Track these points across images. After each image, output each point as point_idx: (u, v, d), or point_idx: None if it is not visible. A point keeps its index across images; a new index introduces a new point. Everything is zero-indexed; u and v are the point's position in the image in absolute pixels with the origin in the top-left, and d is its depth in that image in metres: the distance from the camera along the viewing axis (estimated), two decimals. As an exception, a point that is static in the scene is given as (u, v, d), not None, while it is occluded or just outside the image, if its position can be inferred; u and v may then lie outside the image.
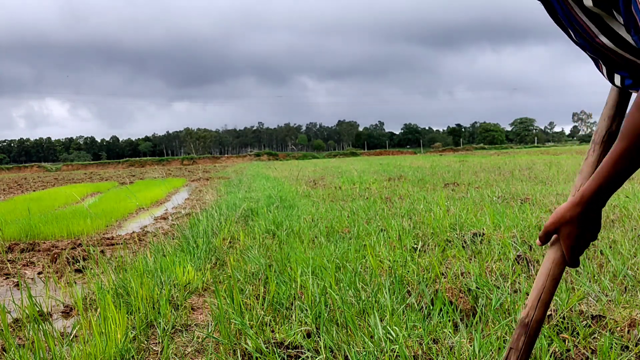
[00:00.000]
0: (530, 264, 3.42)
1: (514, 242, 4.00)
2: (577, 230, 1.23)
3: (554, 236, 1.28)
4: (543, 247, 3.88)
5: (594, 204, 1.20)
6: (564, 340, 2.20)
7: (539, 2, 1.20)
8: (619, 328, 2.27)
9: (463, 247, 4.00)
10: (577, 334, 2.25)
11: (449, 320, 2.42)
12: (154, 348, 2.54)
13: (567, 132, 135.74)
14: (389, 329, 2.29)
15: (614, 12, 1.04)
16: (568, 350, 2.13)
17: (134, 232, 6.76)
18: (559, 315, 2.42)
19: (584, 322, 2.36)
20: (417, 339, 2.27)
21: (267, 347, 2.31)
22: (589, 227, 1.23)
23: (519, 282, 3.01)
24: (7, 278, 4.43)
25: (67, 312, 3.29)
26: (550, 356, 2.07)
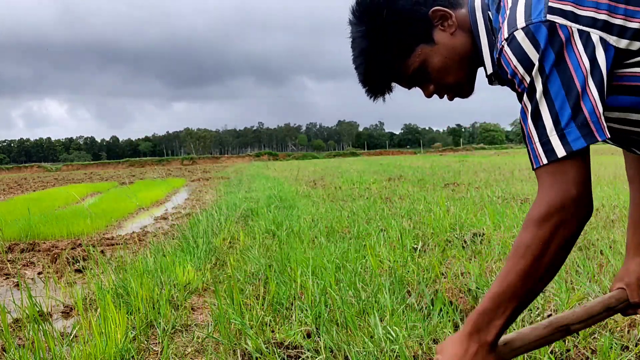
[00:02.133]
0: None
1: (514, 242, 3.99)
2: (455, 356, 1.05)
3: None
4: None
5: (475, 328, 1.05)
6: (564, 341, 2.20)
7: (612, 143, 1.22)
8: (619, 328, 2.27)
9: (463, 247, 4.00)
10: (577, 334, 2.25)
11: (449, 321, 2.42)
12: (154, 348, 2.54)
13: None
14: (389, 329, 2.29)
15: None
16: (568, 350, 2.13)
17: (134, 232, 6.76)
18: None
19: (584, 322, 2.36)
20: (417, 339, 2.27)
21: (267, 347, 2.31)
22: None
23: (519, 282, 3.01)
24: (7, 278, 4.43)
25: (67, 312, 3.29)
26: (550, 356, 2.07)
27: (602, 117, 0.98)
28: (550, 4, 0.98)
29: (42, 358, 2.27)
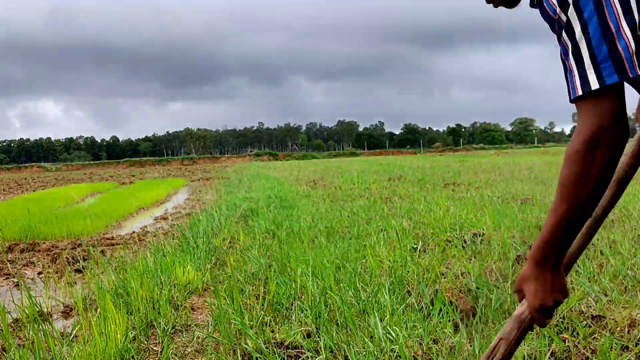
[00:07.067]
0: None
1: (514, 242, 4.00)
2: (536, 288, 1.19)
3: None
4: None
5: (542, 260, 1.18)
6: (564, 340, 2.20)
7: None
8: (619, 328, 2.27)
9: (463, 247, 4.00)
10: (577, 334, 2.25)
11: (449, 320, 2.42)
12: (154, 348, 2.54)
13: (567, 132, 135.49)
14: (389, 329, 2.29)
15: None
16: (568, 351, 2.13)
17: (134, 232, 6.76)
18: (559, 315, 2.42)
19: (584, 322, 2.36)
20: (417, 339, 2.27)
21: (267, 347, 2.31)
22: (549, 286, 1.18)
23: (519, 282, 3.01)
24: (7, 278, 4.43)
25: (67, 312, 3.29)
26: (550, 356, 2.07)
27: (635, 56, 1.05)
28: None
29: (42, 358, 2.27)
